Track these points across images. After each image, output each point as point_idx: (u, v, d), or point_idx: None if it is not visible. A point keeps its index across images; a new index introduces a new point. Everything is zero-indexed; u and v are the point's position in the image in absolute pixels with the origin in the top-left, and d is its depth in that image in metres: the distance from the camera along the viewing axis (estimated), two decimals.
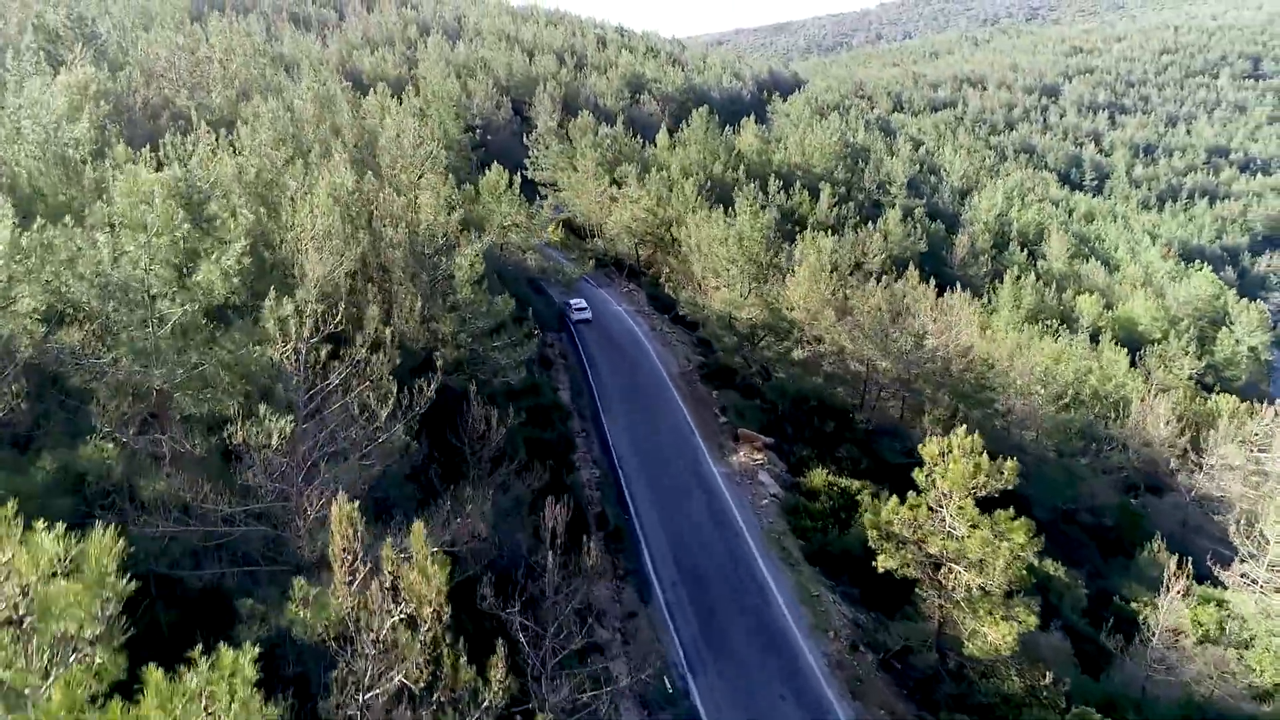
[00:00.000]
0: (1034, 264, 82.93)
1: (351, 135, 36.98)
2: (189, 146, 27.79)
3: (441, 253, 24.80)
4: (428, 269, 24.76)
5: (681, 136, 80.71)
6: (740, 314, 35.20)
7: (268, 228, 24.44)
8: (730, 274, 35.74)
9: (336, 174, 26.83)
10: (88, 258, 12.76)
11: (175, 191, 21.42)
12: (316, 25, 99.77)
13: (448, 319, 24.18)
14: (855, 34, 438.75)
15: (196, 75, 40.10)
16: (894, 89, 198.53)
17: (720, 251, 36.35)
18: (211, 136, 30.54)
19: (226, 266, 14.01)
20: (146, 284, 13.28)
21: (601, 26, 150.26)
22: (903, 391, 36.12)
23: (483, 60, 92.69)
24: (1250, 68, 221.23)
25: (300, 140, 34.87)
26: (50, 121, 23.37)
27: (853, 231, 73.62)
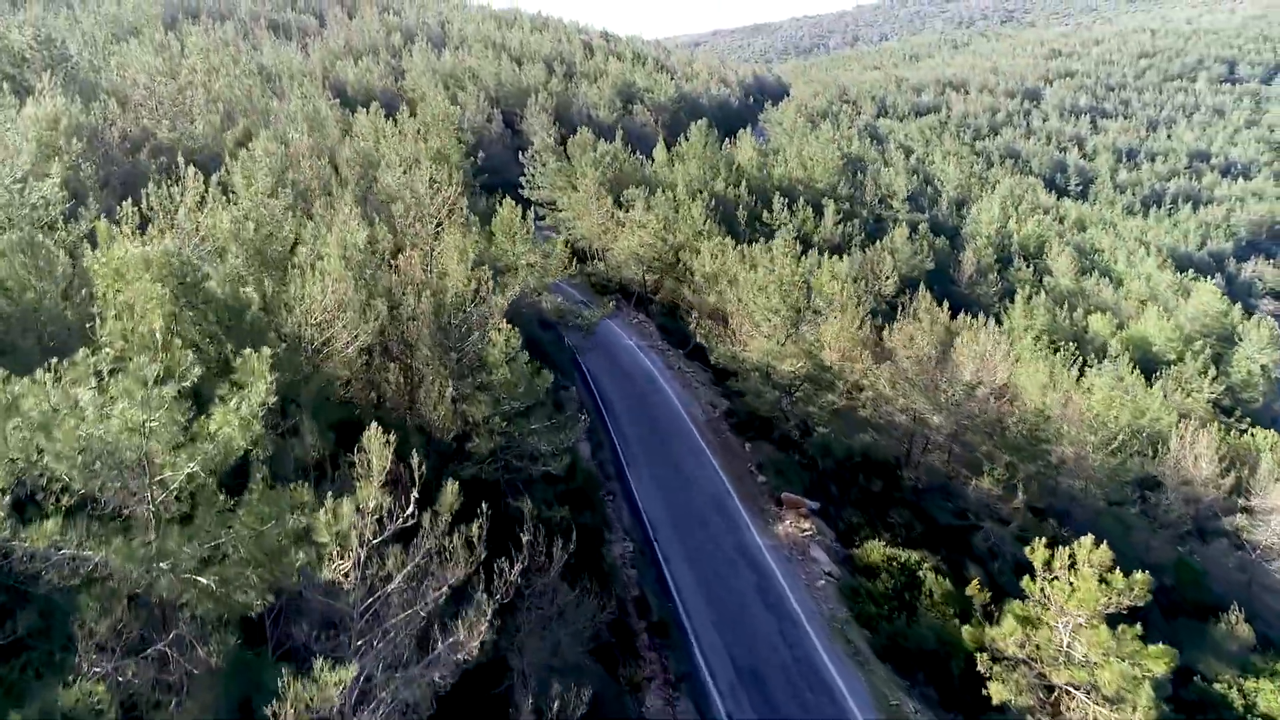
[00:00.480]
0: (1040, 280, 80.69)
1: (352, 172, 33.52)
2: (175, 198, 24.34)
3: (471, 325, 21.55)
4: (455, 344, 21.52)
5: (680, 150, 77.75)
6: (781, 366, 32.18)
7: (272, 299, 21.13)
8: (772, 324, 32.67)
9: (346, 228, 23.50)
10: (67, 427, 9.49)
11: (167, 268, 18.03)
12: (297, 33, 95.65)
13: (480, 402, 20.96)
14: (832, 35, 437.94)
15: (179, 104, 36.51)
16: (878, 93, 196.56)
17: (760, 301, 33.24)
18: (199, 180, 26.99)
19: (248, 414, 10.74)
20: (144, 449, 9.99)
21: (586, 31, 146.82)
22: (951, 444, 33.27)
23: (471, 70, 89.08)
24: (1226, 71, 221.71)
25: (297, 179, 31.44)
26: (13, 181, 19.92)
27: (860, 250, 71.10)
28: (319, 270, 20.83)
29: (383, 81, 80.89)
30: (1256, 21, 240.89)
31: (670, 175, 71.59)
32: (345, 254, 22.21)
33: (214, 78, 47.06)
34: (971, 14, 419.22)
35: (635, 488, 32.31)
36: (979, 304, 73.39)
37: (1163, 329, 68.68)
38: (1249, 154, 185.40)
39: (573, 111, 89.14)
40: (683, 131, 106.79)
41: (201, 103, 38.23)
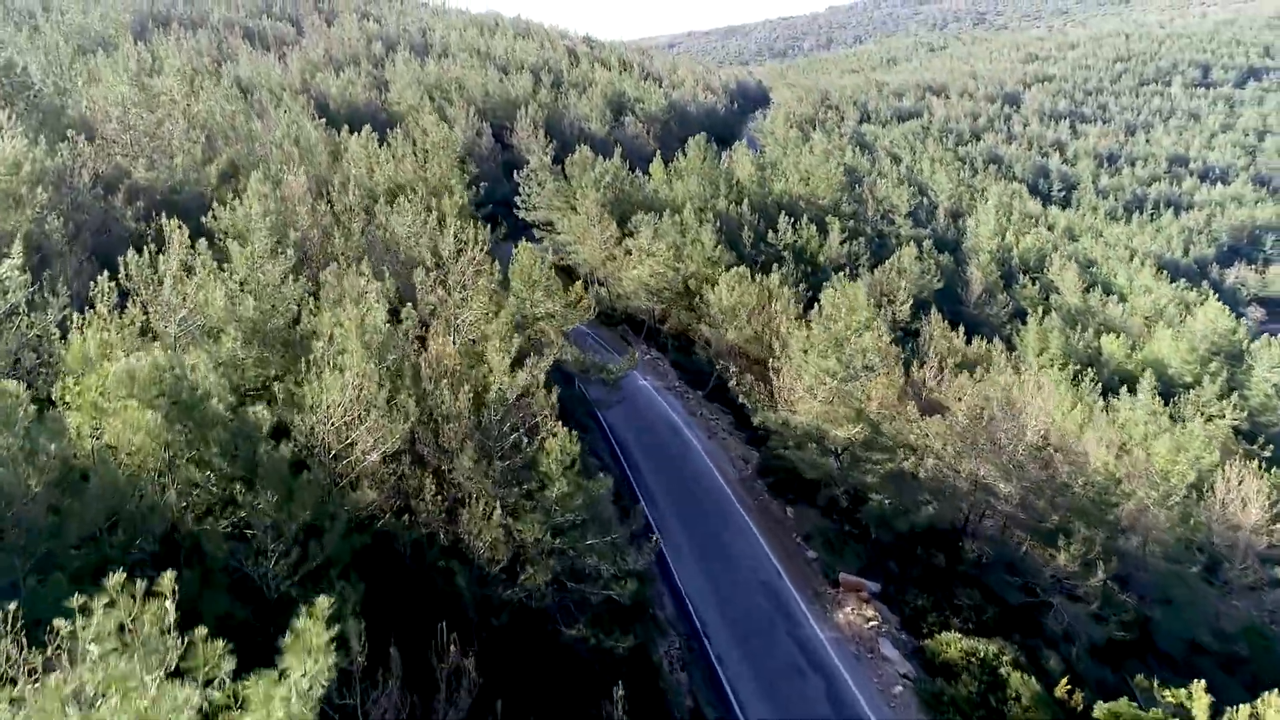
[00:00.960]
0: (1046, 298, 78.26)
1: (355, 220, 29.83)
2: (159, 266, 20.65)
3: (518, 425, 18.10)
4: (499, 448, 18.05)
5: (678, 166, 74.41)
6: (837, 432, 28.95)
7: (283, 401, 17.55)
8: (829, 387, 29.39)
9: (364, 304, 19.92)
10: None
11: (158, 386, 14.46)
12: (274, 42, 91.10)
13: (530, 520, 17.51)
14: (806, 37, 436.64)
15: (156, 137, 32.63)
16: (859, 98, 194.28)
17: (815, 362, 29.92)
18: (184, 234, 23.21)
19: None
20: None
21: (569, 37, 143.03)
22: (1015, 510, 30.22)
23: (457, 81, 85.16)
24: (1200, 76, 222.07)
25: (295, 231, 27.74)
26: None
27: (868, 271, 68.20)
28: (337, 364, 17.28)
29: (367, 94, 76.80)
30: (1228, 26, 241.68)
31: (670, 193, 68.29)
32: (365, 338, 18.66)
33: (193, 101, 43.02)
34: (944, 16, 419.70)
35: (674, 566, 28.95)
36: (988, 325, 70.85)
37: (1178, 350, 66.39)
38: (1226, 158, 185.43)
39: (564, 124, 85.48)
40: (674, 141, 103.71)
41: (181, 133, 34.28)
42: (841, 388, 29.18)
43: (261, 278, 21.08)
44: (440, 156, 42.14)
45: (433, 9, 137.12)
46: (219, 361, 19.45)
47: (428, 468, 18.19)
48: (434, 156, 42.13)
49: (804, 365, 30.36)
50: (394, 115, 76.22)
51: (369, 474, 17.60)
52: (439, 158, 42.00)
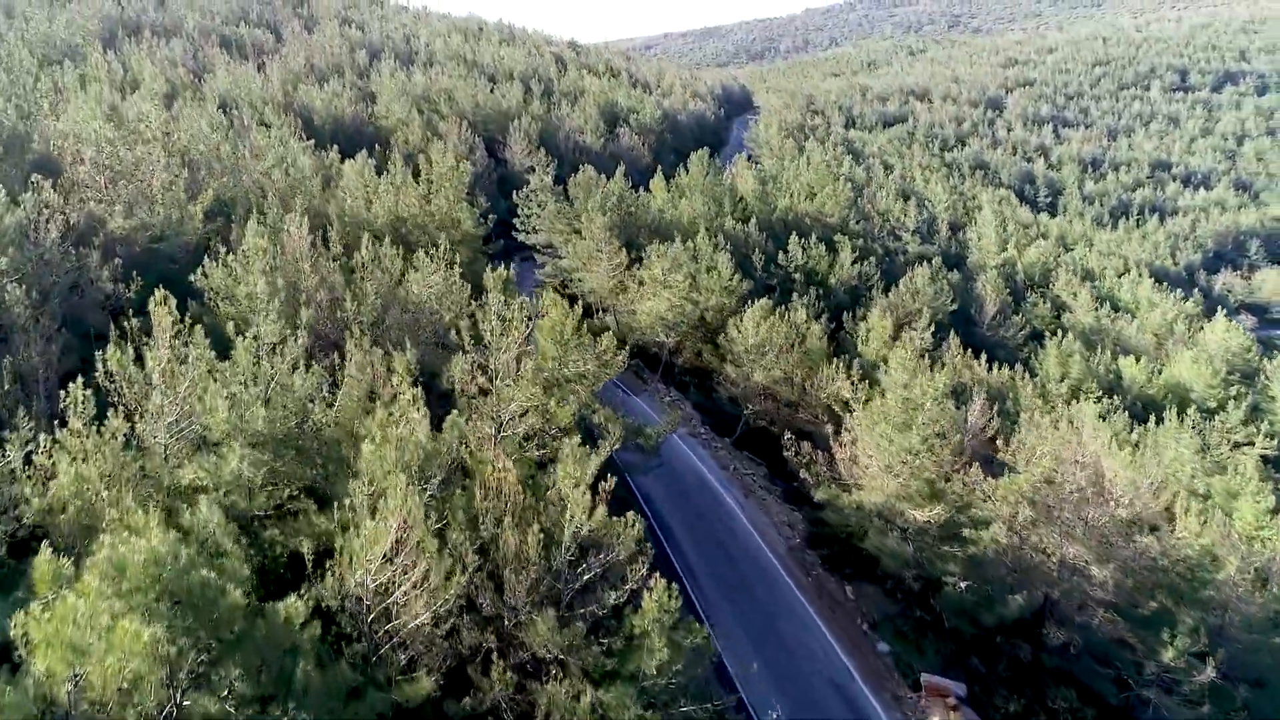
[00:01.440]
0: (1057, 315, 75.62)
1: (372, 283, 26.02)
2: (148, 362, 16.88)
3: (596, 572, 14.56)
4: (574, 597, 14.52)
5: (680, 182, 70.96)
6: (915, 513, 25.58)
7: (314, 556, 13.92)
8: (912, 465, 25.98)
9: (403, 417, 16.22)
10: None
11: (156, 584, 10.83)
12: (253, 50, 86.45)
13: (619, 693, 13.98)
14: (782, 39, 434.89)
15: (135, 179, 28.60)
16: (844, 103, 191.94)
17: (895, 439, 26.45)
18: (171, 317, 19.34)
19: None
20: None
21: (554, 42, 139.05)
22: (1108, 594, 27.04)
23: (446, 93, 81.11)
24: (1178, 80, 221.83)
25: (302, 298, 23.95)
26: None
27: (882, 294, 65.10)
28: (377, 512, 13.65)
29: (353, 107, 72.57)
30: (1203, 30, 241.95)
31: (675, 213, 64.74)
32: (405, 457, 15.07)
33: (173, 127, 38.90)
34: (919, 19, 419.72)
35: (729, 664, 25.48)
36: (1004, 347, 68.07)
37: (1201, 374, 63.79)
38: (1207, 163, 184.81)
39: (559, 137, 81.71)
40: (668, 151, 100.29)
41: (161, 169, 30.23)
42: (916, 461, 25.82)
43: (269, 374, 17.34)
44: (447, 188, 38.33)
45: (414, 13, 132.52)
46: (223, 486, 15.81)
47: (488, 625, 14.61)
48: (440, 187, 38.32)
49: (879, 442, 26.87)
50: (382, 130, 72.20)
51: (418, 639, 14.00)
52: (446, 189, 38.20)
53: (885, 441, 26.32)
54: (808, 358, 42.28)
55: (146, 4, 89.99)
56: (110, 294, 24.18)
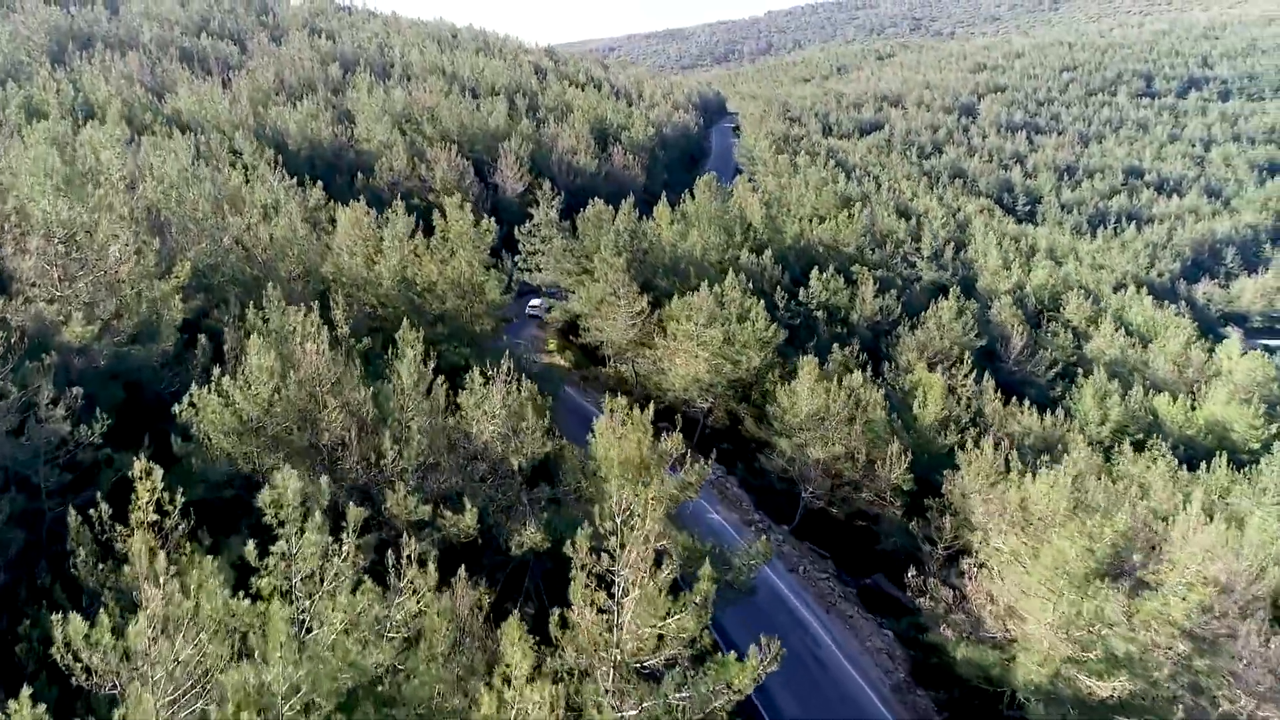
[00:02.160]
0: (1077, 345, 71.55)
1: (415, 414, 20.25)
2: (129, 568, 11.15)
3: None
4: None
5: (686, 210, 65.56)
6: (1096, 686, 20.44)
7: None
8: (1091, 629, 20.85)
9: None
10: None
11: None
12: (216, 64, 79.22)
13: None
14: (745, 41, 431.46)
15: (97, 268, 22.40)
16: (820, 110, 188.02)
17: (1072, 599, 21.14)
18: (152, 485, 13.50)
19: None
20: None
21: (531, 51, 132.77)
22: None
23: (430, 112, 74.76)
24: (1144, 86, 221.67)
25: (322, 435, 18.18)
26: None
27: (908, 330, 60.43)
28: None
29: (330, 129, 66.02)
30: (1165, 36, 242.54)
31: (686, 244, 59.24)
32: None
33: (138, 172, 32.56)
34: (881, 21, 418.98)
35: None
36: (1032, 384, 63.78)
37: (1241, 415, 59.99)
38: (1178, 169, 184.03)
39: (552, 159, 75.83)
40: (659, 167, 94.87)
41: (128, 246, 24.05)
42: (1098, 626, 20.70)
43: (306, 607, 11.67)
44: (467, 249, 32.51)
45: (384, 19, 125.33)
46: None
47: None
48: (460, 249, 32.51)
49: (1040, 595, 21.61)
50: (364, 155, 65.85)
51: None
52: (467, 251, 32.40)
53: (1052, 595, 21.21)
54: (870, 429, 37.21)
55: (99, 14, 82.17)
56: (67, 438, 18.17)
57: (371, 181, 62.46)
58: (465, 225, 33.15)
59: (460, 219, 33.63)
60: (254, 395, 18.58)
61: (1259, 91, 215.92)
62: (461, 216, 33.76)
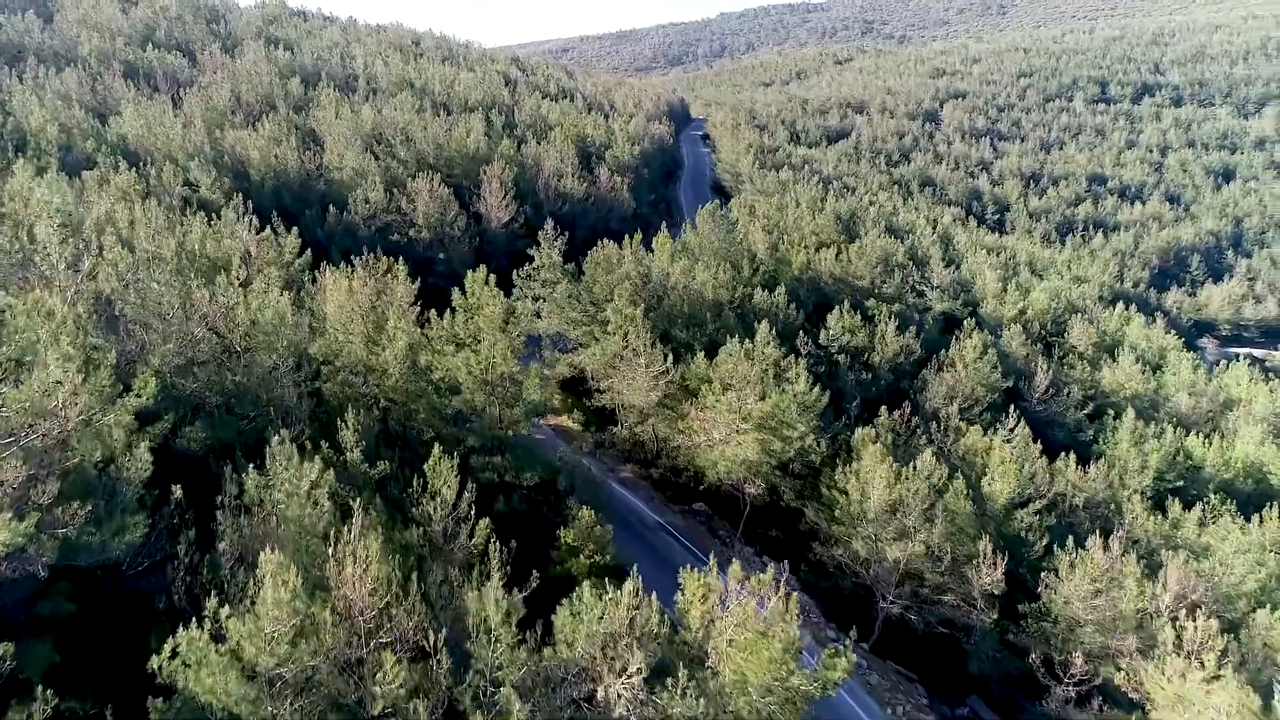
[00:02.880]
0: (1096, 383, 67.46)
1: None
2: None
3: None
4: None
5: (689, 242, 60.16)
6: None
7: None
8: None
9: None
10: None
11: None
12: (164, 80, 71.30)
13: None
14: (699, 43, 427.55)
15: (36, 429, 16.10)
16: (786, 117, 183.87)
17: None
18: None
19: None
20: None
21: (495, 59, 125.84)
22: None
23: (403, 132, 67.98)
24: (1099, 92, 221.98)
25: None
26: None
27: (935, 371, 55.74)
28: None
29: (296, 154, 59.03)
30: (1117, 43, 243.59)
31: (693, 281, 53.60)
32: None
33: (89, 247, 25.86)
34: (833, 25, 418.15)
35: None
36: (1058, 425, 59.59)
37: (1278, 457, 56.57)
38: (1138, 176, 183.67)
39: (538, 184, 69.65)
40: (644, 186, 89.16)
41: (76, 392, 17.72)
42: None
43: None
44: (499, 336, 26.53)
45: (342, 26, 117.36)
46: None
47: None
48: (488, 333, 26.52)
49: None
50: (335, 185, 59.04)
51: None
52: (497, 338, 26.40)
53: None
54: (952, 523, 32.10)
55: (30, 24, 73.51)
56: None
57: (346, 216, 55.75)
58: (495, 307, 27.13)
59: (487, 298, 27.55)
60: (269, 639, 12.64)
61: (1209, 98, 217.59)
62: (487, 294, 27.70)
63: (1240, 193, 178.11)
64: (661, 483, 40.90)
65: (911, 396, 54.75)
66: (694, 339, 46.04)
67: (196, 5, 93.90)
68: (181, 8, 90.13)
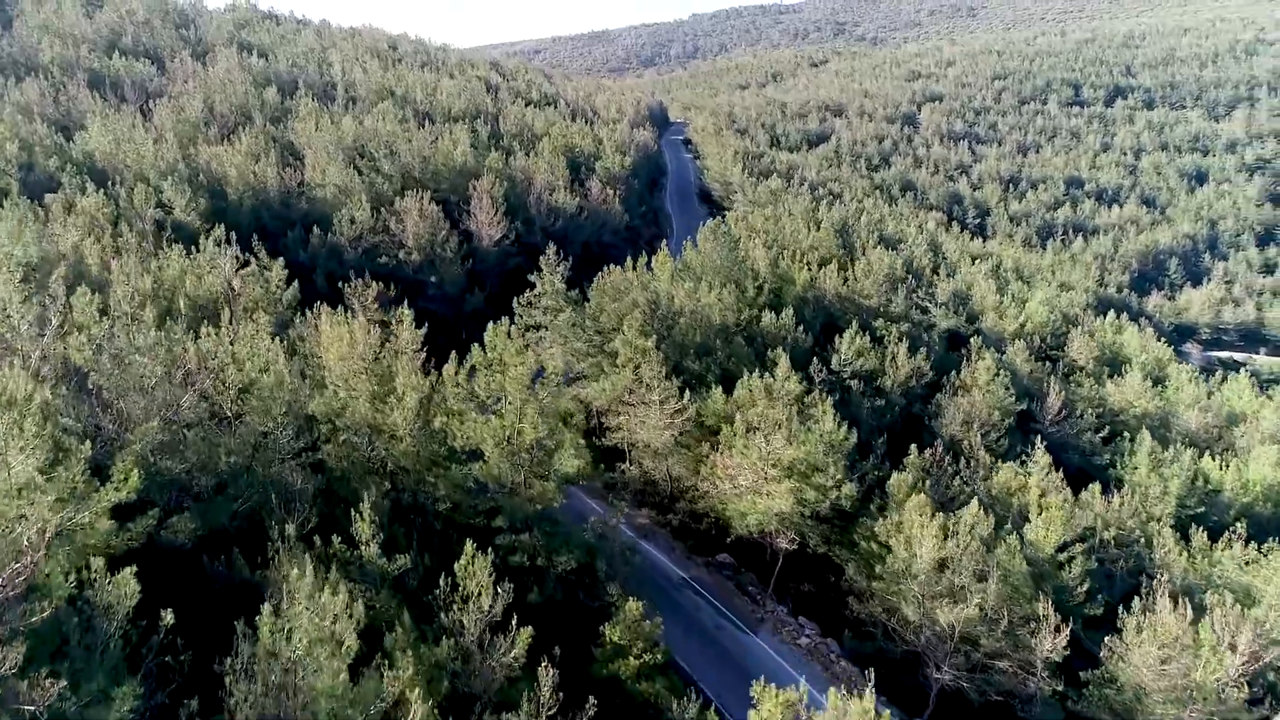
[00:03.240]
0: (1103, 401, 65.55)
1: None
2: None
3: None
4: None
5: (691, 262, 57.47)
6: None
7: None
8: None
9: None
10: None
11: None
12: (133, 90, 67.20)
13: None
14: (672, 44, 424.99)
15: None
16: (766, 121, 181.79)
17: None
18: None
19: None
20: None
21: (475, 64, 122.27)
22: None
23: (387, 146, 64.52)
24: (1072, 94, 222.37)
25: None
26: None
27: (950, 395, 53.44)
28: None
29: (275, 171, 55.48)
30: (1088, 45, 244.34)
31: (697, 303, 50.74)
32: None
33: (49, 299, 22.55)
34: (805, 26, 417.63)
35: None
36: (1073, 448, 57.56)
37: None
38: (1114, 179, 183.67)
39: (530, 199, 66.52)
40: (636, 200, 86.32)
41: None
42: None
43: None
44: (524, 399, 23.55)
45: (316, 29, 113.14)
46: None
47: None
48: (515, 395, 23.56)
49: None
50: (317, 203, 55.54)
51: None
52: (522, 401, 23.43)
53: None
54: (1008, 584, 29.60)
55: None
56: None
57: (331, 237, 52.32)
58: (522, 366, 24.00)
59: (512, 355, 24.35)
60: None
61: (1180, 100, 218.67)
62: (512, 350, 24.54)
63: (1214, 195, 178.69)
64: (682, 531, 38.05)
65: (927, 423, 52.53)
66: (707, 370, 43.30)
67: (165, 9, 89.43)
68: (149, 12, 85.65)
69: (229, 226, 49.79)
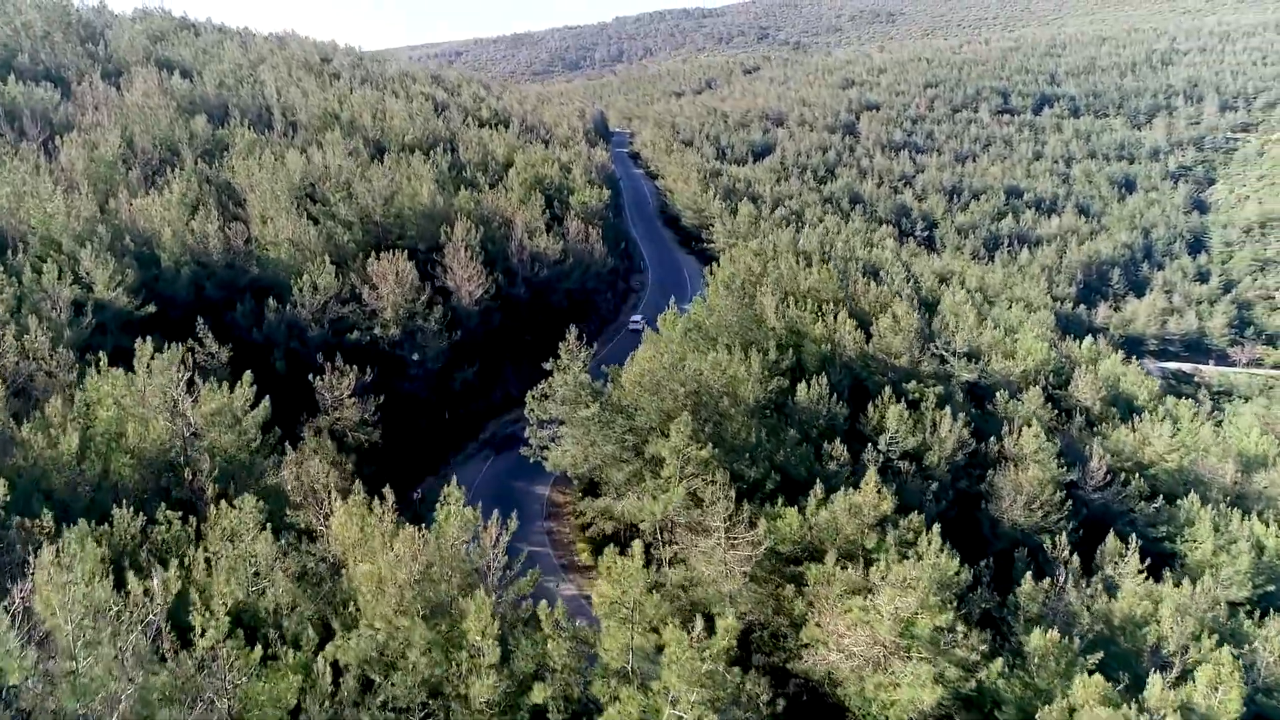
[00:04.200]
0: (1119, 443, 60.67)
1: None
2: None
3: None
4: None
5: (701, 319, 50.19)
6: None
7: None
8: None
9: None
10: None
11: None
12: (34, 122, 55.95)
13: None
14: (596, 48, 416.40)
15: None
16: (710, 131, 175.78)
17: None
18: None
19: None
20: None
21: (417, 79, 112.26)
22: None
23: (343, 186, 55.21)
24: (1002, 102, 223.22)
25: None
26: None
27: (1001, 472, 47.43)
28: None
29: (217, 229, 45.73)
30: (1014, 53, 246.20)
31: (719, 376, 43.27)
32: None
33: None
34: (729, 30, 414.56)
35: None
36: (1117, 513, 52.38)
37: None
38: (1049, 188, 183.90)
39: (511, 246, 58.02)
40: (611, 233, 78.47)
41: None
42: None
43: None
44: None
45: (240, 37, 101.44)
46: None
47: None
48: None
49: None
50: (271, 266, 46.05)
51: None
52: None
53: None
54: None
55: None
56: None
57: (289, 310, 43.06)
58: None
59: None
60: None
61: (1103, 108, 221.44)
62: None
63: (1144, 203, 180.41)
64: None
65: (983, 506, 46.48)
66: (765, 475, 36.07)
67: (67, 20, 77.09)
68: (50, 24, 73.48)
69: (164, 303, 40.72)
